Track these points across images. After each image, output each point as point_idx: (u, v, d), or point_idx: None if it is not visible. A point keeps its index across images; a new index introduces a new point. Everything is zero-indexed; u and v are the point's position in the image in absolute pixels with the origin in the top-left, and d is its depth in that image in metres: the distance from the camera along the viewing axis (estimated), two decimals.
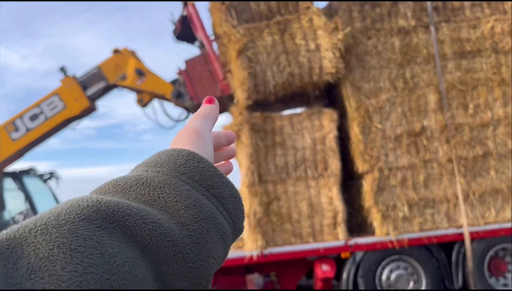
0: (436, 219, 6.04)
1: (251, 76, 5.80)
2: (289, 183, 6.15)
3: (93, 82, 7.09)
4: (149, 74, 6.94)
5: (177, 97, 6.81)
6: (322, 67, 5.93)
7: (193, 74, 6.67)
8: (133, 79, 6.90)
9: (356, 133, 6.13)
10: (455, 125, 6.16)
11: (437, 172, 6.09)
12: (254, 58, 5.86)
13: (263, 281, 6.90)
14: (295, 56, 5.93)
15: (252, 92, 5.82)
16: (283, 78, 5.87)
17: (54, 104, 6.99)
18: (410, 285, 6.00)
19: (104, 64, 7.09)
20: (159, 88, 6.92)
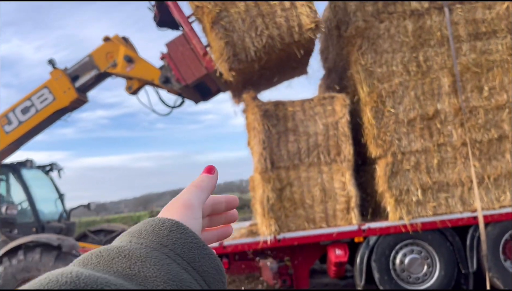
0: (450, 203, 6.01)
1: (229, 45, 5.60)
2: (302, 169, 6.18)
3: (85, 71, 7.10)
4: (138, 60, 6.88)
5: (165, 82, 6.73)
6: (301, 24, 5.66)
7: (176, 56, 6.55)
8: (122, 67, 6.88)
9: (369, 118, 6.10)
10: (470, 108, 6.08)
11: (451, 156, 6.04)
12: (230, 27, 5.66)
13: (277, 266, 6.98)
14: (272, 18, 5.70)
15: (233, 62, 5.60)
16: (263, 42, 5.64)
17: (44, 97, 7.07)
18: (424, 269, 6.01)
19: (96, 52, 7.07)
20: (147, 74, 6.86)
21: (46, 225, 7.13)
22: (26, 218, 7.24)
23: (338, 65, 7.51)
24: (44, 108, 7.06)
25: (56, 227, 7.19)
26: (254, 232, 6.42)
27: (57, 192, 7.95)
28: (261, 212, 6.02)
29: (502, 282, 5.84)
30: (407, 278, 6.02)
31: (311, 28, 5.60)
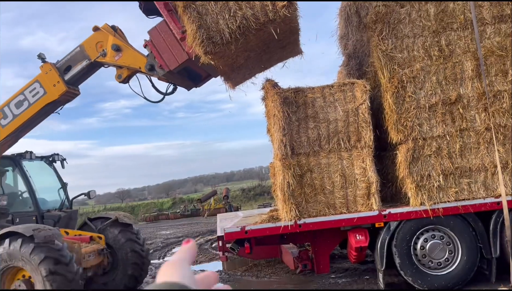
0: (473, 188, 5.96)
1: (202, 28, 5.53)
2: (322, 155, 6.22)
3: (77, 61, 7.17)
4: (126, 49, 6.91)
5: (150, 69, 6.73)
6: (274, 2, 5.51)
7: (158, 43, 6.53)
8: (111, 56, 6.93)
9: (390, 104, 6.08)
10: (494, 92, 5.97)
11: (474, 141, 5.97)
12: (202, 9, 5.59)
13: (297, 250, 7.09)
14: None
15: (208, 45, 5.52)
16: (237, 23, 5.52)
17: (36, 91, 7.22)
18: (445, 254, 6.01)
19: (86, 42, 7.14)
20: (134, 62, 6.88)
21: (45, 214, 7.40)
22: (26, 207, 7.53)
23: (358, 51, 7.46)
24: (36, 102, 7.22)
25: (55, 215, 7.42)
26: (275, 217, 6.52)
27: (60, 181, 8.21)
28: (282, 197, 6.11)
29: None
30: (428, 263, 6.03)
31: (284, 5, 5.44)
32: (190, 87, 7.46)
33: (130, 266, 7.48)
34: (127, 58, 6.91)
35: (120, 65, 7.00)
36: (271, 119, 6.57)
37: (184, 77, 7.07)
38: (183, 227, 23.57)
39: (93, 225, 7.64)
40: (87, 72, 7.32)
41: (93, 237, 7.31)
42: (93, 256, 6.90)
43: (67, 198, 8.13)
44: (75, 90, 7.50)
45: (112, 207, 57.38)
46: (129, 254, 7.48)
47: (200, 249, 12.98)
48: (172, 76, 6.78)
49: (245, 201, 45.34)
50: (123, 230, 7.60)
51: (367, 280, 7.06)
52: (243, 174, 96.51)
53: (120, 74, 7.04)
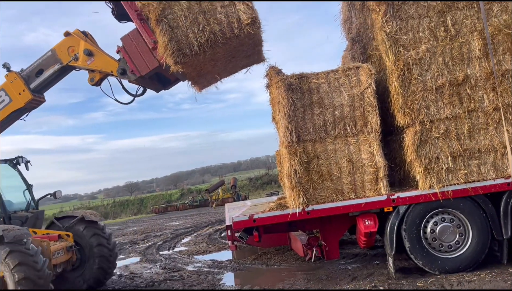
0: (483, 169, 5.89)
1: (173, 41, 5.91)
2: (329, 141, 6.17)
3: (49, 65, 7.43)
4: (98, 54, 7.22)
5: (122, 73, 7.05)
6: (240, 20, 5.93)
7: (130, 49, 6.86)
8: (83, 60, 7.23)
9: (396, 87, 5.99)
10: (502, 71, 5.86)
11: (483, 122, 5.89)
12: (174, 23, 5.96)
13: (306, 237, 7.09)
14: (213, 14, 5.98)
15: (178, 56, 5.92)
16: (205, 37, 5.94)
17: (1, 99, 7.49)
18: (456, 237, 5.97)
19: (58, 46, 7.40)
20: (106, 67, 7.18)
21: (12, 215, 7.59)
22: None
23: (362, 35, 7.36)
24: (1, 110, 7.49)
25: (22, 216, 7.63)
26: (283, 205, 6.50)
27: (25, 183, 8.37)
28: (289, 185, 6.08)
29: None
30: (438, 246, 5.99)
31: (248, 23, 5.89)
32: (159, 90, 7.81)
33: (98, 259, 7.78)
34: (99, 62, 7.23)
35: (92, 69, 7.30)
36: (275, 107, 6.51)
37: (154, 80, 7.43)
38: (192, 218, 23.71)
39: (60, 223, 7.89)
40: (58, 76, 7.58)
41: (61, 235, 7.53)
42: (62, 253, 7.14)
43: (33, 199, 8.29)
44: (41, 97, 7.79)
45: (121, 200, 57.84)
46: (95, 248, 7.78)
47: (210, 239, 13.05)
48: (143, 80, 7.11)
49: (253, 190, 45.48)
50: (88, 226, 7.88)
51: (377, 265, 7.05)
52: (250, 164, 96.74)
53: (93, 77, 7.36)
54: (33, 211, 8.02)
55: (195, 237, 14.42)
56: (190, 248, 12.04)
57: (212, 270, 8.61)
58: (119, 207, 53.05)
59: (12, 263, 5.82)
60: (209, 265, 9.18)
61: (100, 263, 7.79)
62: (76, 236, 7.69)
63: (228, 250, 10.26)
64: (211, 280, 7.74)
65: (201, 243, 12.51)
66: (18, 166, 8.35)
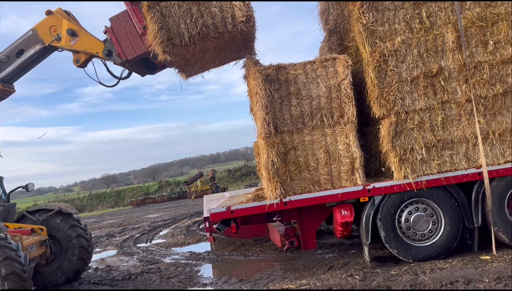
0: (455, 160, 6.02)
1: (163, 29, 5.81)
2: (306, 132, 6.19)
3: (30, 45, 7.11)
4: (82, 34, 6.95)
5: (108, 55, 6.84)
6: (234, 16, 5.90)
7: (119, 31, 6.67)
8: (66, 40, 6.95)
9: (372, 78, 6.04)
10: (474, 63, 5.98)
11: (456, 113, 6.00)
12: (166, 11, 5.84)
13: (284, 228, 7.13)
14: (207, 7, 5.89)
15: (167, 46, 5.83)
16: (197, 29, 5.86)
17: None
18: (429, 226, 6.10)
19: (39, 26, 7.07)
20: (91, 47, 6.94)
21: None
22: None
23: (339, 26, 7.38)
24: None
25: None
26: (261, 196, 6.51)
27: None
28: (267, 176, 6.09)
29: (507, 236, 5.92)
30: (412, 235, 6.12)
31: (243, 20, 5.85)
32: (144, 74, 7.60)
33: (77, 250, 7.67)
34: (83, 43, 6.95)
35: (76, 50, 7.00)
36: (253, 98, 6.48)
37: (140, 65, 7.22)
38: (170, 210, 23.55)
39: (33, 217, 7.66)
40: (39, 57, 7.26)
41: (34, 229, 7.33)
42: (35, 248, 6.99)
43: (4, 191, 8.04)
44: (10, 87, 7.48)
45: (98, 193, 56.93)
46: (74, 240, 7.66)
47: (188, 231, 13.00)
48: (129, 63, 6.91)
49: (232, 182, 45.49)
50: (64, 219, 7.72)
51: (353, 255, 7.16)
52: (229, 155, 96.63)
53: (78, 58, 7.08)
54: (4, 204, 7.77)
55: (173, 229, 14.34)
56: (168, 240, 11.97)
57: (190, 262, 8.58)
58: (96, 199, 52.29)
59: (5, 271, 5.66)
60: (187, 257, 9.15)
61: (80, 254, 7.68)
62: (52, 229, 7.51)
63: (206, 241, 10.25)
64: (188, 272, 7.71)
65: (179, 235, 12.45)
66: None
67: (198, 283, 6.97)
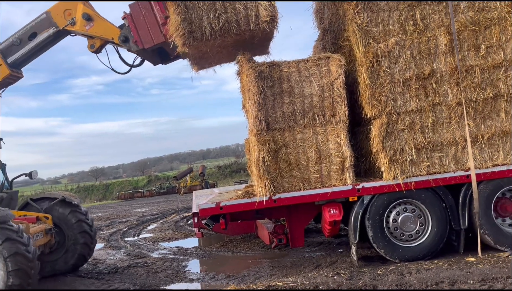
0: (444, 162, 6.08)
1: (185, 22, 5.80)
2: (297, 130, 6.19)
3: (43, 28, 6.99)
4: (97, 18, 6.85)
5: (124, 41, 6.76)
6: (258, 15, 5.93)
7: (137, 18, 6.59)
8: (81, 24, 6.84)
9: (365, 78, 6.06)
10: (466, 67, 6.03)
11: (446, 115, 6.05)
12: (190, 4, 5.85)
13: (273, 225, 7.13)
14: (232, 3, 5.92)
15: (188, 38, 5.82)
16: (219, 25, 5.89)
17: None
18: (416, 227, 6.15)
19: (53, 9, 6.96)
20: (107, 33, 6.86)
21: None
22: None
23: (334, 26, 7.38)
24: None
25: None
26: (251, 193, 6.51)
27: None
28: (257, 173, 6.08)
29: (493, 239, 6.00)
30: (400, 235, 6.16)
31: (267, 20, 5.89)
32: (157, 63, 7.52)
33: (80, 245, 7.59)
34: (99, 28, 6.82)
35: (91, 35, 6.86)
36: (246, 94, 6.47)
37: (154, 53, 7.11)
38: (158, 205, 23.45)
39: (37, 205, 7.54)
40: (52, 41, 7.13)
41: (40, 217, 7.23)
42: (41, 236, 6.90)
43: (7, 179, 7.90)
44: (18, 73, 7.36)
45: (86, 186, 56.50)
46: (78, 235, 7.56)
47: (176, 226, 12.95)
48: (143, 52, 6.81)
49: (222, 178, 45.44)
50: (73, 211, 7.61)
51: (341, 253, 7.20)
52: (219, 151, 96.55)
53: (93, 44, 6.97)
54: (7, 191, 7.62)
55: (161, 224, 14.28)
56: (156, 234, 11.92)
57: (177, 257, 8.55)
58: (84, 192, 51.90)
59: (8, 252, 5.58)
60: (174, 252, 9.11)
61: (82, 250, 7.60)
62: (55, 218, 7.37)
63: (194, 237, 10.22)
64: (176, 267, 7.69)
65: (167, 230, 12.41)
66: None
67: (185, 278, 6.95)
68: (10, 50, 7.06)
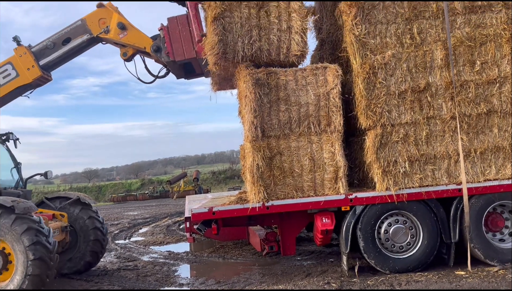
0: (437, 175, 6.12)
1: (222, 43, 6.09)
2: (292, 138, 6.22)
3: (78, 34, 7.31)
4: (131, 28, 7.20)
5: (156, 51, 7.10)
6: (289, 48, 6.24)
7: (173, 32, 6.97)
8: (115, 33, 7.19)
9: (361, 89, 6.11)
10: (461, 82, 6.10)
11: (440, 129, 6.10)
12: (228, 27, 6.14)
13: (264, 232, 7.13)
14: (267, 33, 6.22)
15: (220, 58, 6.11)
16: (251, 51, 6.18)
17: (7, 72, 7.25)
18: (407, 238, 6.18)
19: (89, 17, 7.30)
20: (140, 42, 7.21)
21: (3, 192, 7.23)
22: None
23: (332, 36, 7.44)
24: (6, 84, 7.23)
25: (14, 193, 7.29)
26: (244, 199, 6.51)
27: (13, 161, 8.00)
28: (251, 179, 6.09)
29: (483, 253, 6.04)
30: (391, 246, 6.18)
31: (296, 55, 6.23)
32: (180, 77, 7.84)
33: (92, 242, 7.61)
34: (132, 37, 7.22)
35: (124, 43, 7.25)
36: (242, 100, 6.50)
37: (181, 67, 7.50)
38: (151, 208, 23.36)
39: (52, 204, 7.62)
40: (85, 46, 7.45)
41: (55, 214, 7.28)
42: (57, 233, 6.92)
43: (21, 178, 7.94)
44: (48, 75, 7.59)
45: (79, 187, 56.17)
46: (90, 232, 7.59)
47: (168, 230, 12.91)
48: (172, 64, 7.19)
49: (215, 184, 45.35)
50: (84, 209, 7.69)
51: (332, 263, 7.20)
52: (214, 157, 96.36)
53: (125, 52, 7.38)
54: (22, 189, 7.66)
55: (153, 227, 14.22)
56: (147, 238, 11.86)
57: (168, 261, 8.52)
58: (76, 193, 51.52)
59: (20, 229, 5.68)
60: (165, 256, 9.08)
61: (95, 247, 7.63)
62: (69, 217, 7.43)
63: (185, 242, 10.19)
64: (166, 271, 7.66)
65: (158, 234, 12.36)
66: (7, 142, 7.92)
67: (175, 283, 6.93)
68: (43, 53, 7.33)
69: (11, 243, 5.75)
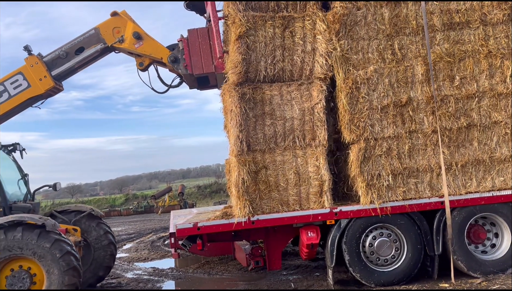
0: (419, 188, 6.21)
1: (245, 62, 6.05)
2: (278, 152, 6.25)
3: (91, 44, 7.14)
4: (147, 38, 7.03)
5: (173, 62, 6.97)
6: (312, 70, 6.22)
7: (193, 44, 6.87)
8: (130, 42, 7.01)
9: (344, 104, 6.20)
10: (441, 96, 6.24)
11: (422, 143, 6.22)
12: (252, 46, 6.10)
13: (250, 247, 7.09)
14: (291, 54, 6.19)
15: (242, 77, 6.07)
16: (274, 72, 6.16)
17: (18, 83, 7.08)
18: (392, 251, 6.22)
19: (102, 26, 7.10)
20: (156, 52, 7.06)
21: (13, 206, 7.05)
22: None
23: None
24: (18, 95, 7.06)
25: (24, 207, 7.11)
26: (229, 214, 6.49)
27: (20, 172, 7.81)
28: (236, 194, 6.08)
29: (466, 265, 6.11)
30: (376, 260, 6.21)
31: (319, 78, 6.18)
32: (193, 87, 7.77)
33: (108, 257, 7.50)
34: (148, 47, 7.05)
35: (140, 53, 7.08)
36: (228, 115, 6.52)
37: (196, 78, 7.37)
38: (135, 224, 23.02)
39: (64, 217, 7.43)
40: (98, 56, 7.28)
41: (68, 229, 7.08)
42: None
43: (29, 190, 7.74)
44: (60, 86, 7.43)
45: (61, 202, 55.07)
46: (106, 246, 7.48)
47: (152, 246, 12.72)
48: (188, 75, 7.07)
49: (201, 198, 44.96)
50: (100, 223, 7.57)
51: (317, 277, 7.19)
52: (199, 171, 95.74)
53: (142, 62, 7.22)
54: (31, 202, 7.45)
55: (137, 243, 14.01)
56: (131, 254, 11.67)
57: (152, 278, 8.38)
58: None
59: (60, 252, 5.76)
60: (149, 273, 8.94)
61: (109, 262, 7.57)
62: (82, 232, 7.28)
63: (170, 258, 10.05)
64: (150, 288, 7.53)
65: (143, 250, 12.17)
66: (13, 153, 7.73)
67: None
68: (55, 63, 7.16)
69: (39, 258, 5.76)
